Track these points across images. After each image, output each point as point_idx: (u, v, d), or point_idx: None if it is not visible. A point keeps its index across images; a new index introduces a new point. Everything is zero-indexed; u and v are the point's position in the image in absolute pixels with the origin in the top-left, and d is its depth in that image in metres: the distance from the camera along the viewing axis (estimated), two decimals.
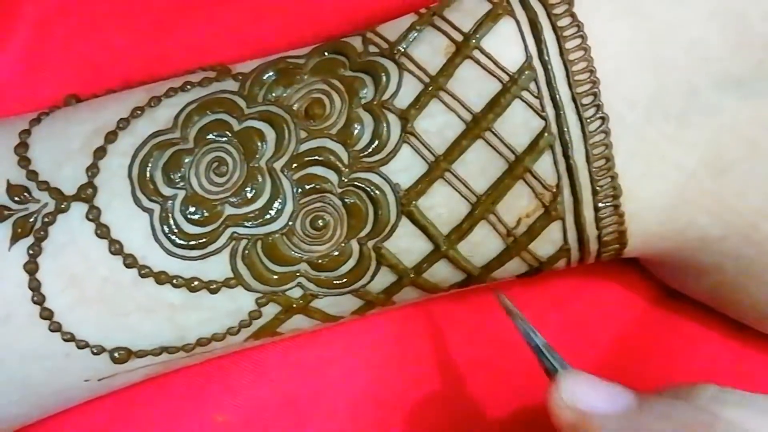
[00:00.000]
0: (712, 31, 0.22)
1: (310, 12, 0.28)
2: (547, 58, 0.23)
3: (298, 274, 0.23)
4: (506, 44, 0.23)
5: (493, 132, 0.23)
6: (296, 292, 0.24)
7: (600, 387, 0.21)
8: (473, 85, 0.23)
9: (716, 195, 0.23)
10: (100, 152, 0.23)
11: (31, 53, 0.28)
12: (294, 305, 0.24)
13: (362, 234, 0.23)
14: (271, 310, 0.24)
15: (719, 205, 0.23)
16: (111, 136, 0.24)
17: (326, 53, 0.24)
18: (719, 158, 0.23)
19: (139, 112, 0.24)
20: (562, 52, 0.23)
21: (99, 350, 0.24)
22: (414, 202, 0.23)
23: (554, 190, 0.23)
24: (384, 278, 0.24)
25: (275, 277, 0.23)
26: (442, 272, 0.24)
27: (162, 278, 0.23)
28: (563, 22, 0.23)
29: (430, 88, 0.23)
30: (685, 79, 0.23)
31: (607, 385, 0.22)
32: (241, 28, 0.28)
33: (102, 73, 0.28)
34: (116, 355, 0.24)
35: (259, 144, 0.23)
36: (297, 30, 0.28)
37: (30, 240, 0.23)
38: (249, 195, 0.23)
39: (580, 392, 0.21)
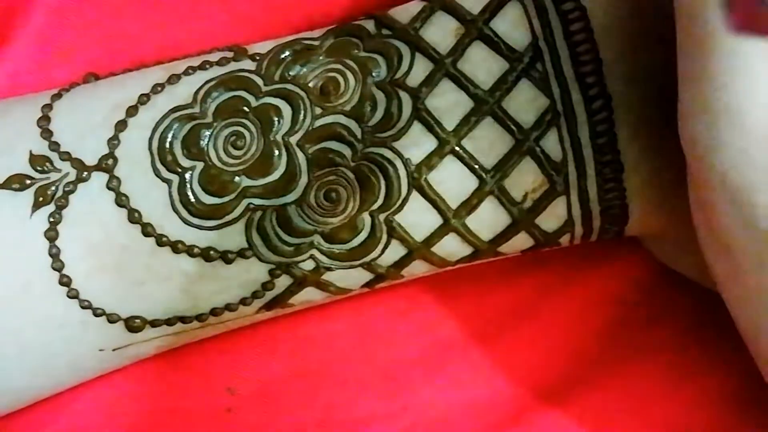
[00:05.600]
0: None
1: (322, 1, 0.29)
2: (552, 39, 0.24)
3: (310, 246, 0.24)
4: (514, 26, 0.24)
5: (501, 109, 0.24)
6: (309, 264, 0.24)
7: None
8: (482, 65, 0.24)
9: None
10: (121, 125, 0.24)
11: (46, 40, 0.29)
12: (306, 277, 0.24)
13: (374, 207, 0.24)
14: (283, 282, 0.25)
15: None
16: (132, 110, 0.24)
17: (340, 35, 0.25)
18: None
19: (159, 88, 0.25)
20: (566, 35, 0.24)
21: (115, 318, 0.24)
22: (424, 177, 0.24)
23: (560, 166, 0.24)
24: (394, 251, 0.24)
25: (289, 248, 0.24)
26: (450, 246, 0.25)
27: (179, 247, 0.24)
28: (568, 5, 0.24)
29: (440, 68, 0.24)
30: None
31: None
32: (255, 18, 0.29)
33: (117, 61, 0.29)
34: (131, 323, 0.25)
35: (276, 119, 0.24)
36: (308, 19, 0.28)
37: (51, 208, 0.24)
38: (265, 168, 0.24)
39: None
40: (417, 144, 0.24)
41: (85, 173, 0.24)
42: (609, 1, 0.24)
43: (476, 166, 0.24)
